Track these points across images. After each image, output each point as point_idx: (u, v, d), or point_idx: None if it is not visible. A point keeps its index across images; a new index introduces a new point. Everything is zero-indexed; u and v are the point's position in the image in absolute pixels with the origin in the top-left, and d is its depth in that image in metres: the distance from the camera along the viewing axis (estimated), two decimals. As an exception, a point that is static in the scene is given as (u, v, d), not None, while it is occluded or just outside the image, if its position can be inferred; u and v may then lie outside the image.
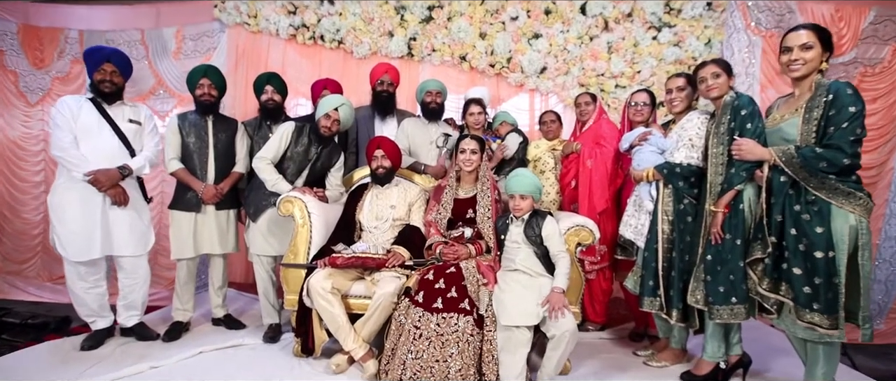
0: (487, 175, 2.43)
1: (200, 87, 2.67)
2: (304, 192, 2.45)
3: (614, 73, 3.58)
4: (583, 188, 2.68)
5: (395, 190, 2.59)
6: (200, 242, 2.69)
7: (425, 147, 3.01)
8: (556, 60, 3.64)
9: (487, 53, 3.70)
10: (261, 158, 2.52)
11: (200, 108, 2.69)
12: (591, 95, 2.87)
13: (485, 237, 2.30)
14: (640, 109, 2.63)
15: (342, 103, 2.59)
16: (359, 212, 2.55)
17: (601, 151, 2.67)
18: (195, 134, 2.67)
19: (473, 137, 2.46)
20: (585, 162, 2.68)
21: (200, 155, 2.67)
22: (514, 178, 2.17)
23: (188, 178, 2.63)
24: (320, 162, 2.68)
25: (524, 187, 2.14)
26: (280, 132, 2.57)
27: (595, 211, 2.61)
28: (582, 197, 2.67)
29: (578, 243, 2.17)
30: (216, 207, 2.71)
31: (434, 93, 3.01)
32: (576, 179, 2.77)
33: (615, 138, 2.68)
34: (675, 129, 2.26)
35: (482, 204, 2.37)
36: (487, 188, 2.40)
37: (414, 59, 3.85)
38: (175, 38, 4.27)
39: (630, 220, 2.39)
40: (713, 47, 3.53)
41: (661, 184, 2.20)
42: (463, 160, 2.41)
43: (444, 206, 2.43)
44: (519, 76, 3.68)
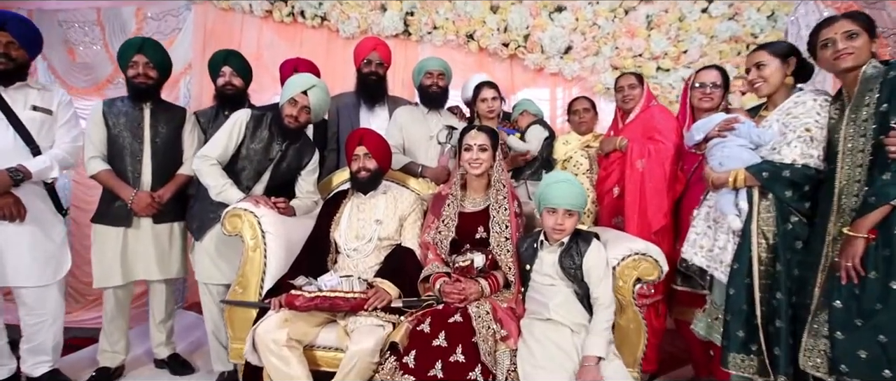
0: (503, 180, 1.80)
1: (133, 65, 2.06)
2: (257, 202, 1.83)
3: (655, 53, 2.93)
4: (631, 197, 2.03)
5: (383, 199, 1.97)
6: (132, 265, 2.09)
7: (424, 143, 2.38)
8: (583, 38, 2.99)
9: (500, 30, 3.06)
10: (203, 158, 1.90)
11: (133, 92, 2.09)
12: (636, 76, 2.22)
13: (502, 267, 1.67)
14: (710, 91, 1.98)
15: (312, 85, 1.97)
16: (334, 229, 1.93)
17: (656, 149, 2.02)
18: (127, 126, 2.06)
19: (483, 129, 1.83)
20: (635, 163, 2.04)
21: (133, 153, 2.06)
22: (554, 185, 1.54)
23: (114, 183, 2.02)
24: (286, 162, 2.07)
25: (569, 199, 1.51)
26: (231, 123, 1.96)
27: (649, 229, 1.96)
28: (630, 209, 2.02)
29: (638, 279, 1.53)
30: (154, 220, 2.10)
31: (436, 74, 2.38)
32: (619, 185, 2.13)
33: (674, 131, 2.04)
34: (775, 114, 1.61)
35: (497, 220, 1.74)
36: (504, 198, 1.77)
37: (411, 38, 3.23)
38: (135, 18, 3.68)
39: (701, 240, 1.74)
40: (778, 22, 2.87)
41: (755, 192, 1.56)
42: (469, 160, 1.79)
43: (445, 222, 1.80)
44: (538, 58, 3.04)
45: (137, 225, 2.08)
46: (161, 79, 2.15)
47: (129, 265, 2.08)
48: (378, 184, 1.98)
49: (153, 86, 2.11)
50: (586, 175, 2.34)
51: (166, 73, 2.19)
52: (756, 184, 1.55)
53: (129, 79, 2.08)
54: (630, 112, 2.21)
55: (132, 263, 2.09)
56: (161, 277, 2.14)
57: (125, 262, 2.06)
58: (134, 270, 2.09)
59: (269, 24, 3.44)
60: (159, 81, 2.15)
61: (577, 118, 2.44)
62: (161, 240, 2.13)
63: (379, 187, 1.99)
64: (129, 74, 2.08)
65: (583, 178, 2.33)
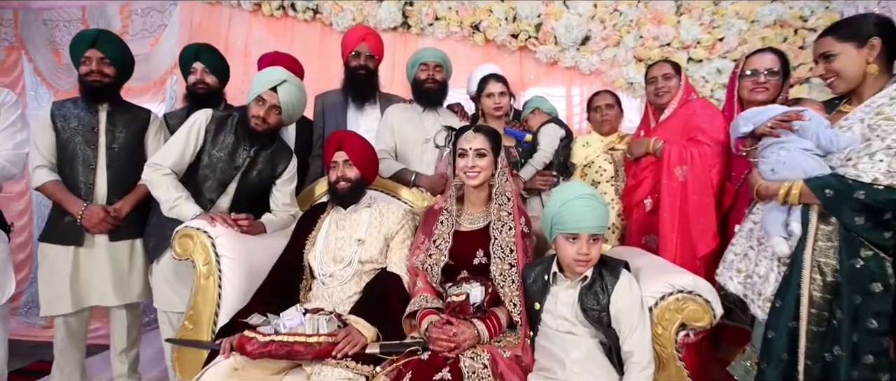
0: (508, 192, 1.48)
1: (86, 61, 1.81)
2: (213, 220, 1.54)
3: (686, 41, 2.55)
4: (669, 213, 1.68)
5: (366, 214, 1.66)
6: (85, 289, 1.83)
7: (419, 146, 2.07)
8: (602, 27, 2.64)
9: (508, 20, 2.74)
10: (154, 166, 1.62)
11: (86, 92, 1.83)
12: (672, 65, 1.87)
13: (505, 303, 1.34)
14: (764, 80, 1.63)
15: (282, 80, 1.68)
16: (308, 249, 1.63)
17: (700, 152, 1.67)
18: (78, 131, 1.81)
19: (481, 130, 1.51)
20: (673, 171, 1.68)
21: (85, 161, 1.81)
22: (573, 203, 1.20)
23: (61, 195, 1.77)
24: (256, 171, 1.78)
25: (593, 220, 1.19)
26: (188, 126, 1.68)
27: (693, 254, 1.61)
28: (667, 228, 1.67)
29: (682, 325, 1.19)
30: (110, 237, 1.84)
31: (432, 66, 2.07)
32: (653, 197, 1.77)
33: (721, 131, 1.69)
34: (860, 112, 1.25)
35: (499, 242, 1.42)
36: (508, 215, 1.44)
37: (411, 31, 2.93)
38: (120, 15, 3.47)
39: (739, 262, 1.40)
40: (831, 2, 2.47)
41: (813, 214, 1.20)
42: (464, 169, 1.47)
43: (437, 243, 1.49)
44: (551, 49, 2.70)
45: (91, 243, 1.83)
46: (119, 77, 1.89)
47: (82, 290, 1.82)
48: (360, 196, 1.68)
49: (109, 84, 1.85)
50: (610, 183, 1.99)
51: (126, 70, 1.93)
52: (816, 203, 1.19)
53: (82, 77, 1.83)
54: (664, 108, 1.85)
55: (85, 287, 1.83)
56: (119, 302, 1.88)
57: (76, 286, 1.80)
58: (87, 295, 1.84)
59: (259, 19, 3.19)
60: (117, 80, 1.89)
61: (598, 116, 2.10)
62: (119, 260, 1.87)
63: (362, 200, 1.69)
64: (82, 72, 1.83)
65: (606, 186, 1.98)
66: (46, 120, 1.79)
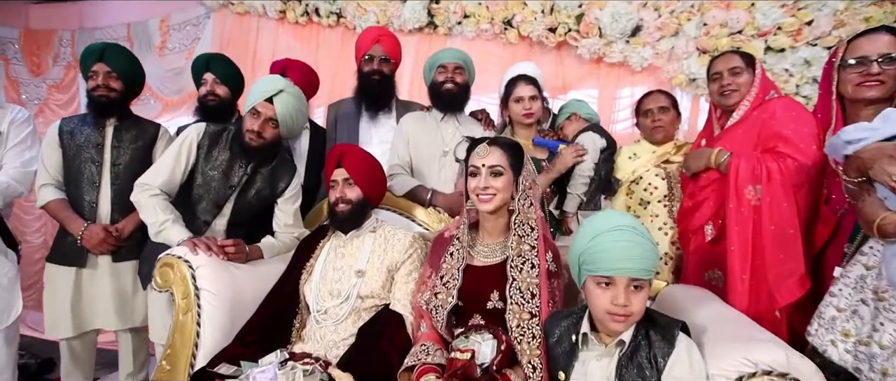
0: (531, 220, 1.19)
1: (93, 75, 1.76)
2: (195, 247, 1.37)
3: (762, 27, 2.12)
4: (739, 246, 1.30)
5: (370, 240, 1.45)
6: (87, 311, 1.76)
7: (436, 160, 1.83)
8: (656, 15, 2.26)
9: (545, 13, 2.43)
10: (141, 187, 1.50)
11: (93, 107, 1.77)
12: (742, 57, 1.49)
13: (522, 362, 1.06)
14: (878, 70, 1.24)
15: (279, 90, 1.50)
16: (305, 280, 1.44)
17: (783, 168, 1.29)
18: (85, 147, 1.74)
19: (498, 142, 1.24)
20: (743, 191, 1.31)
21: (89, 179, 1.74)
22: (608, 237, 0.92)
23: (63, 215, 1.71)
24: (254, 189, 1.62)
25: (636, 261, 0.91)
26: (179, 142, 1.55)
27: (773, 303, 1.23)
28: (735, 266, 1.30)
29: (770, 420, 0.84)
30: (113, 258, 1.76)
31: (451, 67, 1.82)
32: (715, 223, 1.41)
33: (812, 138, 1.30)
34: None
35: (519, 284, 1.14)
36: (531, 249, 1.16)
37: (438, 31, 2.70)
38: (159, 30, 3.54)
39: (844, 321, 1.04)
40: (963, -32, 1.94)
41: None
42: (476, 190, 1.20)
43: (445, 280, 1.23)
44: (595, 43, 2.36)
45: (94, 265, 1.75)
46: (128, 91, 1.82)
47: (84, 313, 1.75)
48: (362, 219, 1.47)
49: (117, 99, 1.78)
50: (663, 203, 1.64)
51: (135, 83, 1.86)
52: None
53: (88, 92, 1.76)
54: (732, 110, 1.48)
55: (87, 310, 1.76)
56: (122, 326, 1.79)
57: (78, 309, 1.73)
58: (89, 318, 1.76)
59: (285, 27, 3.12)
60: (125, 94, 1.81)
61: (649, 121, 1.75)
62: (122, 282, 1.78)
63: (365, 224, 1.47)
64: (88, 87, 1.76)
65: (658, 207, 1.64)
66: (54, 137, 1.74)
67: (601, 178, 1.73)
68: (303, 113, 1.60)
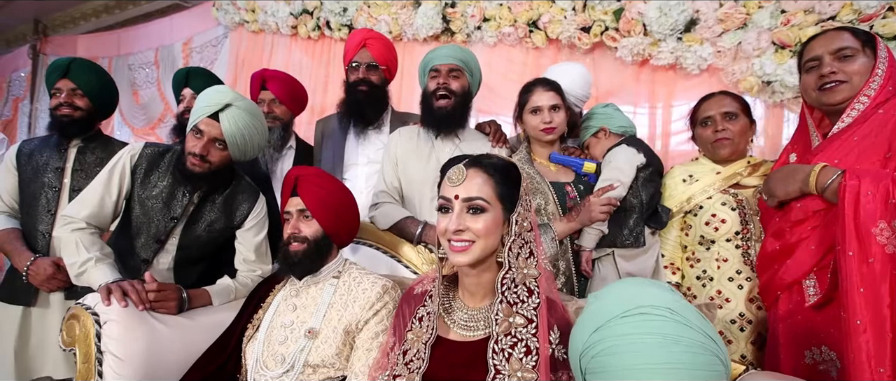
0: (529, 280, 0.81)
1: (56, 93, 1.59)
2: (109, 293, 1.09)
3: (867, 9, 1.61)
4: (865, 313, 0.83)
5: (328, 291, 1.12)
6: (33, 356, 1.54)
7: (429, 186, 1.48)
8: (716, 5, 1.81)
9: (577, 10, 2.04)
10: (64, 219, 1.26)
11: (56, 127, 1.60)
12: (854, 34, 1.03)
13: None
14: None
15: (225, 104, 1.23)
16: (249, 336, 1.13)
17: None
18: (43, 171, 1.57)
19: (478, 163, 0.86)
20: (870, 231, 0.85)
21: (45, 206, 1.55)
22: (622, 326, 0.55)
23: (11, 246, 1.52)
24: (204, 222, 1.34)
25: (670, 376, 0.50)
26: (110, 166, 1.31)
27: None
28: (859, 343, 0.83)
29: None
30: (65, 295, 1.55)
31: (445, 71, 1.48)
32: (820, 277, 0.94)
33: None
34: None
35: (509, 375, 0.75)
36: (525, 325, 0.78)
37: (455, 38, 2.40)
38: (182, 53, 3.52)
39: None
40: None
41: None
42: (446, 234, 0.83)
43: (407, 358, 0.87)
44: (638, 43, 1.93)
45: (44, 304, 1.55)
46: (95, 110, 1.64)
47: (30, 359, 1.54)
48: (321, 263, 1.14)
49: (82, 119, 1.60)
50: (735, 242, 1.18)
51: (105, 102, 1.67)
52: None
53: (52, 111, 1.60)
54: (840, 111, 1.01)
55: (35, 355, 1.54)
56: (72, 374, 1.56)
57: (23, 354, 1.53)
58: (37, 365, 1.55)
59: (298, 43, 2.96)
60: (92, 113, 1.63)
61: (710, 131, 1.31)
62: (75, 323, 1.56)
63: (325, 268, 1.15)
64: (51, 104, 1.60)
65: (728, 248, 1.19)
66: (11, 159, 1.58)
67: (643, 204, 1.29)
68: (258, 131, 1.31)
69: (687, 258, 1.31)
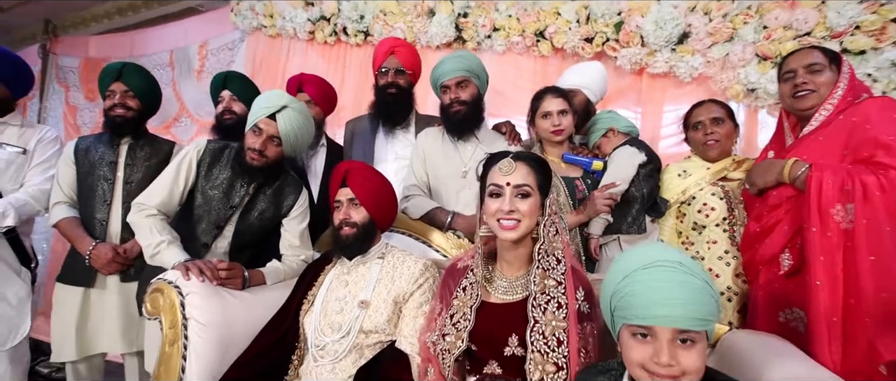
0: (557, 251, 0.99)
1: (110, 94, 1.75)
2: (188, 270, 1.26)
3: (837, 27, 1.83)
4: (824, 279, 1.04)
5: (375, 269, 1.29)
6: (92, 335, 1.70)
7: (455, 181, 1.66)
8: (707, 19, 2.02)
9: (581, 22, 2.25)
10: (138, 207, 1.42)
11: (109, 126, 1.75)
12: (823, 52, 1.24)
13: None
14: None
15: (282, 106, 1.40)
16: (306, 309, 1.30)
17: (883, 184, 1.03)
18: (98, 166, 1.72)
19: (522, 157, 1.05)
20: (830, 211, 1.06)
21: (102, 197, 1.70)
22: (644, 276, 0.73)
23: (72, 233, 1.67)
24: (257, 210, 1.51)
25: (678, 308, 0.70)
26: (178, 160, 1.47)
27: (877, 357, 0.96)
28: (821, 304, 1.04)
29: None
30: (122, 278, 1.70)
31: (453, 85, 1.64)
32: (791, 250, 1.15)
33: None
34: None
35: (542, 327, 0.94)
36: (557, 285, 0.97)
37: (466, 45, 2.57)
38: (198, 55, 3.65)
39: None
40: None
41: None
42: (497, 215, 1.02)
43: (455, 319, 1.05)
44: (636, 53, 2.14)
45: (102, 285, 1.70)
46: (145, 110, 1.80)
47: (89, 336, 1.69)
48: (369, 244, 1.31)
49: (133, 119, 1.75)
50: (722, 227, 1.38)
51: (152, 102, 1.84)
52: None
53: (106, 111, 1.75)
54: (809, 115, 1.22)
55: (93, 332, 1.70)
56: (127, 349, 1.72)
57: (83, 331, 1.68)
58: (94, 341, 1.70)
59: (314, 47, 3.11)
60: (142, 113, 1.79)
61: (700, 134, 1.51)
62: (130, 303, 1.72)
63: (372, 250, 1.32)
64: (106, 106, 1.75)
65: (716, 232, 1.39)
66: (69, 154, 1.73)
67: (643, 196, 1.50)
68: (308, 130, 1.49)
69: (682, 242, 1.50)
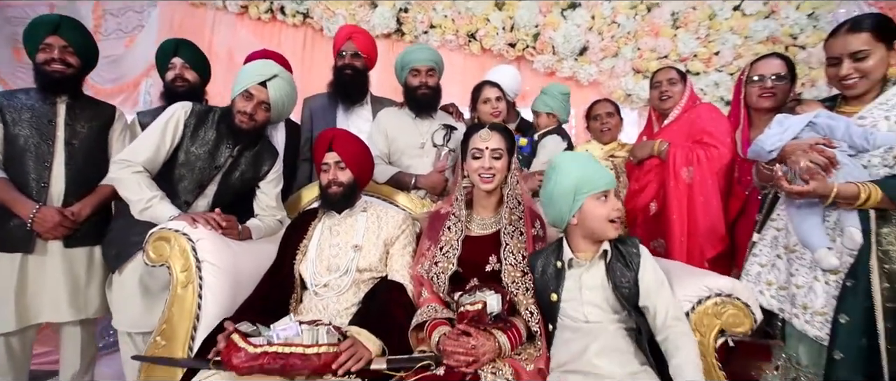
0: (518, 195, 1.37)
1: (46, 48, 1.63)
2: (194, 221, 1.36)
3: (683, 54, 2.57)
4: (677, 215, 1.62)
5: (362, 219, 1.52)
6: (32, 303, 1.59)
7: (414, 150, 1.95)
8: (600, 38, 2.63)
9: (506, 29, 2.70)
10: (123, 163, 1.44)
11: (45, 82, 1.64)
12: (678, 71, 1.84)
13: (521, 311, 1.22)
14: (772, 85, 1.60)
15: (273, 75, 1.54)
16: (299, 259, 1.47)
17: (707, 154, 1.62)
18: (32, 124, 1.60)
19: (496, 128, 1.40)
20: (679, 172, 1.63)
21: (39, 157, 1.60)
22: (592, 163, 1.20)
23: (8, 195, 1.55)
24: (238, 172, 1.62)
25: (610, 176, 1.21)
26: (165, 118, 1.51)
27: (702, 256, 1.54)
28: (675, 230, 1.61)
29: (722, 331, 1.09)
30: (65, 243, 1.62)
31: (424, 71, 1.93)
32: (658, 200, 1.71)
33: (728, 134, 1.64)
34: (877, 110, 1.21)
35: (512, 248, 1.30)
36: (519, 219, 1.34)
37: (404, 38, 2.86)
38: (93, 14, 3.28)
39: (768, 274, 1.32)
40: (820, 21, 2.54)
41: (872, 216, 1.13)
42: (479, 171, 1.35)
43: (445, 250, 1.36)
44: (549, 59, 2.67)
45: (42, 251, 1.60)
46: (83, 68, 1.71)
47: (28, 304, 1.58)
48: (354, 200, 1.53)
49: (72, 76, 1.66)
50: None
51: (90, 61, 1.75)
52: (878, 203, 1.12)
53: (39, 65, 1.62)
54: (668, 113, 1.81)
55: (33, 301, 1.59)
56: (74, 317, 1.64)
57: (22, 300, 1.57)
58: (35, 310, 1.60)
59: (245, 22, 3.07)
60: (80, 71, 1.70)
61: (598, 124, 2.05)
62: (75, 269, 1.64)
63: (356, 204, 1.55)
64: (39, 60, 1.62)
65: (609, 194, 1.92)
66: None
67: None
68: (293, 99, 1.64)
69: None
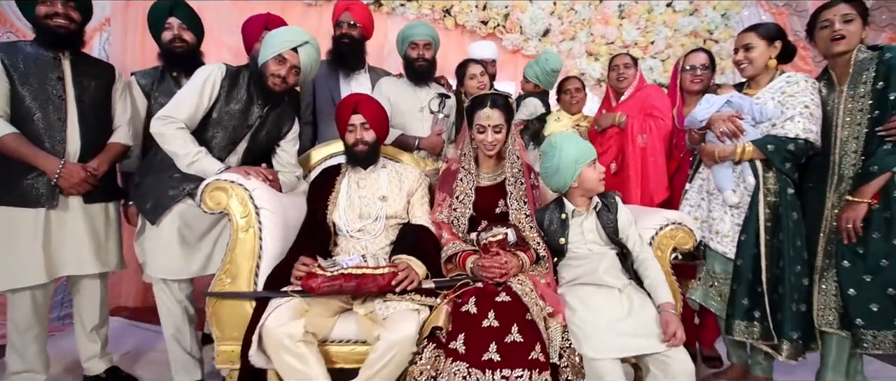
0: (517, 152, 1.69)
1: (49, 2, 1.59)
2: (247, 174, 1.51)
3: (626, 41, 3.04)
4: (632, 172, 2.08)
5: (384, 175, 1.76)
6: (58, 257, 1.63)
7: (414, 116, 2.20)
8: (560, 22, 3.00)
9: (479, 7, 2.96)
10: (166, 120, 1.53)
11: (48, 37, 1.62)
12: (631, 57, 2.27)
13: (530, 242, 1.57)
14: (700, 73, 2.08)
15: (305, 41, 1.69)
16: (331, 210, 1.68)
17: (657, 125, 2.08)
18: (38, 79, 1.59)
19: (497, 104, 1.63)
20: (636, 139, 2.08)
21: (48, 114, 1.61)
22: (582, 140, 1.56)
23: (28, 151, 1.56)
24: (265, 130, 1.76)
25: (582, 149, 1.54)
26: (201, 79, 1.60)
27: (652, 202, 2.03)
28: (631, 184, 2.08)
29: (674, 249, 1.53)
30: (85, 199, 1.67)
31: (422, 45, 2.18)
32: (617, 161, 2.16)
33: (669, 109, 2.11)
34: (767, 93, 1.70)
35: (516, 195, 1.64)
36: (519, 171, 1.67)
37: (382, 9, 2.99)
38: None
39: (694, 212, 1.81)
40: (730, 20, 3.14)
41: (759, 166, 1.63)
42: (483, 143, 1.64)
43: (461, 198, 1.66)
44: (517, 38, 3.00)
45: (64, 206, 1.64)
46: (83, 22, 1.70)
47: (55, 258, 1.62)
48: (377, 157, 1.77)
49: (76, 32, 1.66)
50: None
51: (88, 15, 1.73)
52: (761, 157, 1.62)
53: (41, 19, 1.60)
54: (623, 91, 2.24)
55: (58, 254, 1.63)
56: (98, 270, 1.71)
57: (47, 254, 1.60)
58: (62, 263, 1.64)
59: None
60: (81, 26, 1.69)
61: (567, 97, 2.44)
62: (96, 224, 1.70)
63: (379, 161, 1.78)
64: (42, 13, 1.60)
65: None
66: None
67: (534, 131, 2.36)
68: (318, 64, 1.79)
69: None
